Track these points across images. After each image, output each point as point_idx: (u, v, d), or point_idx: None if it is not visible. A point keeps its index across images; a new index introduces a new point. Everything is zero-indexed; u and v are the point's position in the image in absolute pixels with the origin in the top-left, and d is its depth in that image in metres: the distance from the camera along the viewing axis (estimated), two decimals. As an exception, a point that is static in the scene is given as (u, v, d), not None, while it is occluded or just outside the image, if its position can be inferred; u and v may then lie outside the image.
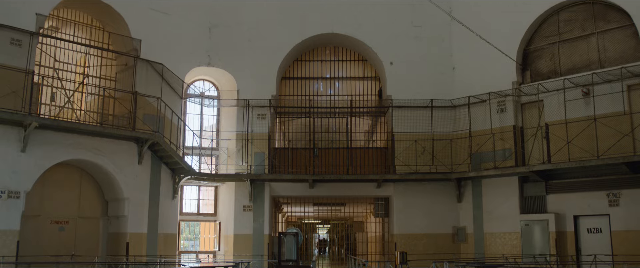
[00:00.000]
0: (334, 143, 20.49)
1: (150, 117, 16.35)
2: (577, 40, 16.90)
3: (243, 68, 19.65)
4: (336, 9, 20.04)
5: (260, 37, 19.80)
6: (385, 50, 19.84)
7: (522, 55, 18.02)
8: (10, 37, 14.05)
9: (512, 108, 17.70)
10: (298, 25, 20.00)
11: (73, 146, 14.53)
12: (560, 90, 16.45)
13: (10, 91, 13.46)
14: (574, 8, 17.04)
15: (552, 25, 17.50)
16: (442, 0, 19.06)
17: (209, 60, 19.45)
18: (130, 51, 16.74)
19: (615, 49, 16.01)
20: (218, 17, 19.72)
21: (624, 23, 15.83)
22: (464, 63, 19.28)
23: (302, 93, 20.93)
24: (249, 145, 19.09)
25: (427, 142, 18.85)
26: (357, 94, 20.94)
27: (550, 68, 17.37)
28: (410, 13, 19.83)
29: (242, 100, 19.34)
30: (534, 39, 17.91)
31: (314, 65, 21.27)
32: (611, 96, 15.48)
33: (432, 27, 19.79)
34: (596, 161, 14.80)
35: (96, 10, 16.98)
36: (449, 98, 19.14)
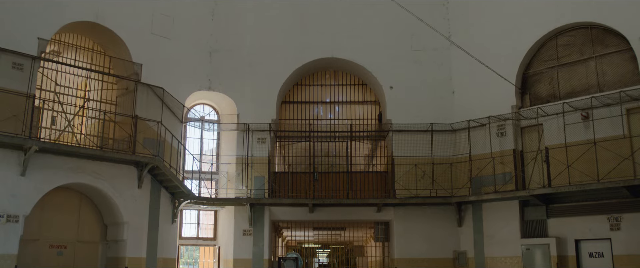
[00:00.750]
0: (333, 167, 20.46)
1: (151, 141, 16.37)
2: (575, 64, 16.99)
3: (243, 92, 19.72)
4: (336, 34, 20.19)
5: (261, 61, 19.91)
6: (385, 75, 19.93)
7: (521, 79, 18.10)
8: (12, 61, 14.13)
9: (512, 132, 17.72)
10: (298, 50, 20.13)
11: (73, 170, 14.52)
12: (560, 114, 16.48)
13: (11, 115, 13.49)
14: (572, 32, 17.16)
15: (550, 49, 17.61)
16: (442, 25, 19.24)
17: (210, 85, 19.53)
18: (131, 75, 16.82)
19: (613, 73, 16.08)
20: (219, 42, 19.87)
21: (622, 47, 15.93)
22: (464, 87, 19.35)
23: (302, 117, 20.97)
24: (248, 169, 19.07)
25: (427, 166, 18.83)
26: (357, 118, 20.98)
27: (550, 92, 17.43)
28: (409, 37, 19.96)
29: (242, 124, 19.37)
30: (533, 63, 18.01)
31: (314, 90, 21.34)
32: (610, 120, 15.51)
33: (432, 52, 19.91)
34: (597, 185, 14.77)
35: (98, 34, 17.11)
36: (448, 122, 19.17)
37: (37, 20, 15.09)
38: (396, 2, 15.71)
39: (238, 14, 20.22)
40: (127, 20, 17.25)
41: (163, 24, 18.23)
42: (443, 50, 19.75)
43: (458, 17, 19.87)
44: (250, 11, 20.26)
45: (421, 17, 16.53)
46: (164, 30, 18.23)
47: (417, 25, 17.14)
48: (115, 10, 16.99)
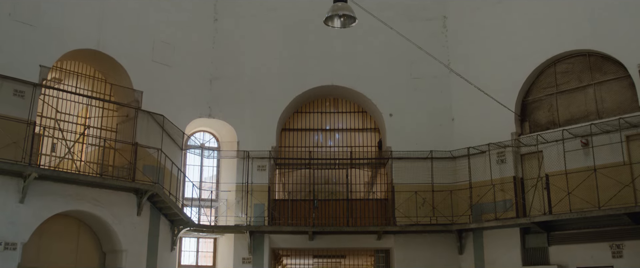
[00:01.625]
0: (333, 194, 20.38)
1: (150, 168, 16.36)
2: (574, 91, 17.06)
3: (243, 119, 19.78)
4: (336, 62, 20.31)
5: (261, 89, 20.00)
6: (384, 102, 20.00)
7: (520, 107, 18.16)
8: (13, 89, 14.24)
9: (511, 159, 17.71)
10: (298, 78, 20.23)
11: (72, 197, 14.49)
12: (560, 141, 16.50)
13: (11, 142, 13.51)
14: (570, 60, 17.28)
15: (549, 76, 17.71)
16: (441, 53, 19.37)
17: (210, 112, 19.59)
18: (131, 102, 16.88)
19: (612, 100, 16.15)
20: (219, 69, 20.00)
21: (620, 74, 16.01)
22: (463, 114, 19.41)
23: (302, 144, 20.98)
24: (248, 197, 19.01)
25: (427, 194, 18.77)
26: (356, 146, 20.99)
27: (549, 119, 17.48)
28: (409, 65, 20.08)
29: (242, 151, 19.38)
30: (531, 90, 18.09)
31: (314, 117, 21.39)
32: (610, 147, 15.52)
33: (431, 79, 20.00)
34: (598, 212, 14.72)
35: (99, 62, 17.23)
36: (448, 149, 19.17)
37: (39, 47, 15.21)
38: (395, 31, 15.83)
39: (238, 41, 20.39)
40: (128, 48, 17.38)
41: (164, 51, 18.36)
42: (442, 77, 19.84)
43: (457, 45, 20.03)
44: (250, 39, 20.42)
45: (420, 44, 16.63)
46: (164, 58, 18.35)
47: (417, 52, 17.22)
48: (116, 38, 17.14)
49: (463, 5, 20.11)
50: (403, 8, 20.44)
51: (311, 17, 19.39)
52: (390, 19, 17.40)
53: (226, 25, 20.48)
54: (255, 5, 20.69)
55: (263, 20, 20.59)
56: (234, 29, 20.48)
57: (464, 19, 19.99)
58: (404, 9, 20.43)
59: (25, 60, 14.83)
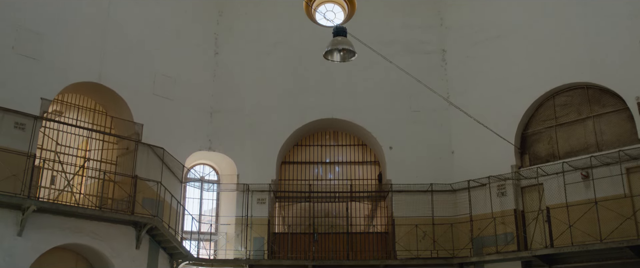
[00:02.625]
0: (333, 228, 20.24)
1: (150, 201, 16.31)
2: (573, 123, 17.11)
3: (243, 153, 19.78)
4: (335, 95, 20.42)
5: (261, 122, 20.05)
6: (384, 135, 20.04)
7: (520, 139, 18.19)
8: (14, 121, 14.28)
9: (512, 191, 17.67)
10: (298, 111, 20.30)
11: (71, 230, 14.40)
12: (560, 174, 16.48)
13: (10, 174, 13.49)
14: (569, 93, 17.38)
15: (548, 109, 17.78)
16: (440, 86, 19.51)
17: (210, 145, 19.61)
18: (131, 135, 16.91)
19: (611, 133, 16.18)
20: (219, 103, 20.08)
21: (619, 107, 16.07)
22: (463, 147, 19.43)
23: (301, 177, 20.94)
24: (248, 230, 18.90)
25: (427, 227, 18.68)
26: (356, 179, 20.95)
27: (549, 151, 17.49)
28: (408, 98, 20.17)
29: (242, 184, 19.33)
30: (531, 123, 18.15)
31: (314, 150, 21.40)
32: (611, 179, 15.49)
33: (431, 112, 20.08)
34: (599, 245, 14.61)
35: (100, 94, 17.31)
36: (448, 182, 19.14)
37: (41, 80, 15.30)
38: (395, 64, 15.95)
39: (239, 75, 20.52)
40: (130, 81, 17.48)
41: (165, 84, 18.47)
42: (442, 110, 19.92)
43: (456, 78, 20.16)
44: (251, 72, 20.56)
45: (420, 78, 16.75)
46: (165, 91, 18.45)
47: (416, 86, 17.34)
48: (117, 71, 17.25)
49: (462, 39, 20.31)
50: (402, 42, 20.66)
51: (311, 50, 19.59)
52: (390, 53, 17.66)
53: (227, 59, 20.65)
54: (256, 39, 20.91)
55: (263, 54, 20.77)
56: (234, 63, 20.64)
57: (463, 52, 20.17)
58: (404, 43, 20.65)
59: (27, 93, 14.90)
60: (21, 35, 15.16)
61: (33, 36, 15.39)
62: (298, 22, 21.22)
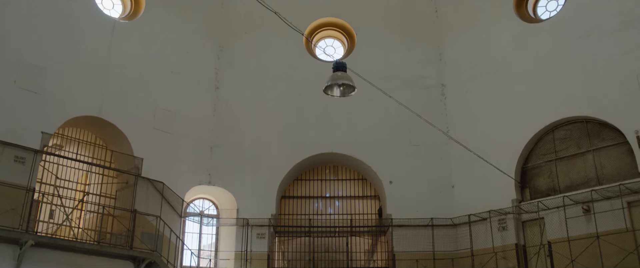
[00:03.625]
0: (334, 263, 20.09)
1: (149, 235, 16.20)
2: (573, 157, 17.10)
3: (243, 187, 19.72)
4: (335, 129, 20.46)
5: (261, 156, 20.05)
6: (384, 169, 20.01)
7: (520, 173, 18.16)
8: (14, 155, 14.29)
9: (513, 226, 17.56)
10: (298, 145, 20.32)
11: (69, 265, 14.28)
12: (561, 208, 16.41)
13: (9, 208, 13.44)
14: (568, 126, 17.41)
15: (548, 143, 17.80)
16: (440, 120, 19.57)
17: (210, 179, 19.57)
18: (131, 169, 16.90)
19: (612, 166, 16.16)
20: (219, 137, 20.11)
21: (618, 140, 16.09)
22: (463, 181, 19.39)
23: (301, 212, 20.85)
24: (247, 265, 18.73)
25: (428, 262, 18.52)
26: (357, 213, 20.86)
27: (549, 185, 17.45)
28: (408, 132, 20.20)
29: (241, 219, 19.24)
30: (531, 156, 18.15)
31: (314, 185, 21.35)
32: (612, 213, 15.41)
33: (431, 146, 20.09)
34: (602, 279, 14.48)
35: (100, 128, 17.35)
36: (449, 216, 19.06)
37: (42, 114, 15.37)
38: (394, 99, 16.01)
39: (239, 109, 20.60)
40: (130, 115, 17.56)
41: (165, 119, 18.53)
42: (442, 144, 19.94)
43: (456, 113, 20.23)
44: (251, 107, 20.64)
45: (419, 112, 16.81)
46: (165, 125, 18.49)
47: (416, 120, 17.37)
48: (118, 105, 17.34)
49: (461, 73, 20.45)
50: (402, 76, 20.79)
51: (311, 85, 19.74)
52: (390, 87, 17.71)
53: (227, 93, 20.75)
54: (256, 73, 21.05)
55: (263, 89, 20.88)
56: (234, 97, 20.74)
57: (462, 87, 20.28)
58: (403, 78, 20.77)
59: (28, 126, 14.95)
60: (23, 70, 15.29)
61: (35, 70, 15.51)
62: (298, 57, 21.40)
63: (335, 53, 22.40)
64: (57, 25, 16.50)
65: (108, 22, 18.01)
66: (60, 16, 16.62)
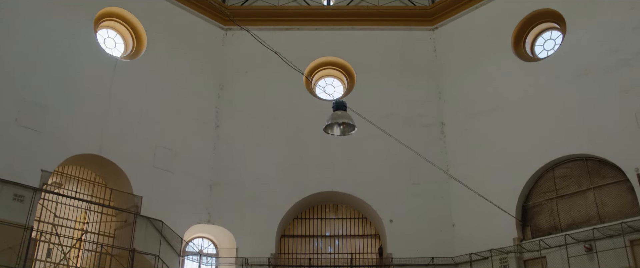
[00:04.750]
0: (334, 303, 19.86)
1: (147, 274, 16.04)
2: (574, 195, 17.05)
3: (242, 226, 19.60)
4: (335, 168, 20.43)
5: (261, 195, 19.97)
6: (384, 208, 19.91)
7: (521, 211, 18.07)
8: (13, 193, 14.24)
9: (515, 264, 17.38)
10: (298, 184, 20.26)
11: (65, 304, 14.12)
12: (563, 246, 16.28)
13: (7, 247, 13.33)
14: (568, 164, 17.40)
15: (548, 181, 17.76)
16: (440, 158, 19.56)
17: (209, 218, 19.46)
18: (130, 208, 16.83)
19: (613, 204, 16.09)
20: (219, 175, 20.07)
21: (619, 178, 16.06)
22: (464, 220, 19.27)
23: (301, 251, 20.67)
24: (246, 305, 18.50)
25: (430, 302, 18.30)
26: (357, 252, 20.68)
27: (551, 224, 17.35)
28: (408, 171, 20.17)
29: (240, 258, 19.05)
30: (531, 195, 18.08)
31: (314, 223, 21.22)
32: (614, 251, 15.28)
33: (431, 185, 20.03)
34: (606, 319, 14.28)
35: (100, 166, 17.34)
36: (450, 255, 18.88)
37: (42, 152, 15.39)
38: (394, 138, 16.06)
39: (239, 148, 20.61)
40: (130, 153, 17.57)
41: (165, 157, 18.53)
42: (442, 182, 19.89)
43: (456, 150, 20.24)
44: (251, 145, 20.66)
45: (419, 150, 16.85)
46: (165, 164, 18.48)
47: (416, 158, 17.41)
48: (118, 143, 17.37)
49: (460, 111, 20.53)
50: (401, 115, 20.87)
51: (311, 123, 19.81)
52: (389, 126, 17.81)
53: (227, 132, 20.80)
54: (256, 112, 21.13)
55: (264, 127, 20.94)
56: (234, 136, 20.78)
57: (461, 125, 20.33)
58: (403, 116, 20.85)
59: (28, 164, 14.95)
60: (25, 108, 15.37)
61: (36, 108, 15.59)
62: (298, 96, 21.53)
63: (335, 92, 22.56)
64: (60, 63, 16.67)
65: (110, 61, 18.19)
66: (62, 55, 16.81)
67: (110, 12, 19.14)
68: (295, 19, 22.56)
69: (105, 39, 19.30)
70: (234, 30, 22.27)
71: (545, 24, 19.63)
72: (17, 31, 16.01)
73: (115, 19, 19.40)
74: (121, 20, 19.51)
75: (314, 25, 22.56)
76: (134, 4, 19.56)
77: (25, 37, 16.14)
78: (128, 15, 19.45)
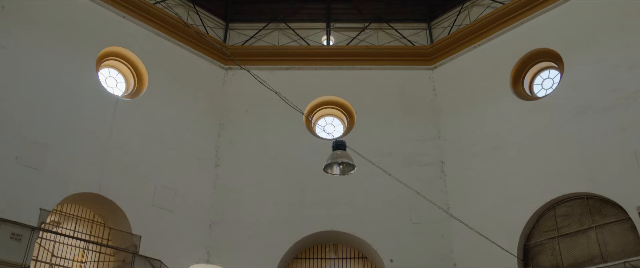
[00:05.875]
0: None
1: (144, 315, 15.82)
2: (576, 234, 16.92)
3: (242, 265, 19.33)
4: (336, 207, 20.32)
5: (260, 234, 19.83)
6: (385, 247, 19.72)
7: (523, 251, 17.91)
8: (11, 232, 14.10)
9: (517, 305, 17.19)
10: (298, 223, 20.12)
11: None
12: (565, 286, 16.12)
13: (2, 287, 13.20)
14: (569, 203, 17.32)
15: (549, 220, 17.67)
16: (440, 197, 19.49)
17: (208, 257, 19.28)
18: (129, 247, 16.70)
19: (615, 243, 15.96)
20: (219, 214, 19.97)
21: (621, 217, 15.97)
22: (465, 259, 19.06)
23: (301, 292, 20.45)
24: None
25: None
26: (357, 293, 20.44)
27: (553, 263, 17.18)
28: (408, 210, 20.07)
29: (239, 298, 18.84)
30: (533, 234, 17.96)
31: (314, 263, 21.00)
32: (619, 292, 15.14)
33: (431, 224, 19.89)
34: None
35: (99, 205, 17.28)
36: (452, 296, 18.67)
37: (41, 191, 15.34)
38: (394, 177, 16.04)
39: (239, 187, 20.55)
40: (129, 192, 17.51)
41: (164, 196, 18.47)
42: (443, 221, 19.75)
43: (456, 189, 20.18)
44: (251, 184, 20.60)
45: (419, 189, 16.80)
46: (165, 203, 18.42)
47: (416, 197, 17.34)
48: (118, 182, 17.33)
49: (460, 150, 20.53)
50: (401, 154, 20.87)
51: (311, 162, 19.79)
52: (389, 165, 17.82)
53: (227, 171, 20.77)
54: (256, 151, 21.15)
55: (264, 166, 20.91)
56: (234, 175, 20.74)
57: (462, 164, 20.31)
58: (403, 155, 20.85)
59: (26, 203, 14.89)
60: (25, 146, 15.39)
61: (37, 147, 15.62)
62: (298, 135, 21.57)
63: (335, 131, 22.62)
64: (62, 101, 16.77)
65: (111, 99, 18.32)
66: (64, 93, 16.94)
67: (113, 51, 19.37)
68: (295, 59, 22.80)
69: (107, 78, 19.47)
70: (234, 70, 22.47)
71: (543, 63, 19.83)
72: (20, 69, 16.17)
73: (117, 58, 19.62)
74: (123, 60, 19.72)
75: (314, 64, 22.78)
76: (136, 44, 19.80)
77: (28, 75, 16.28)
78: (130, 55, 19.66)
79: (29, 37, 16.73)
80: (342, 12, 24.45)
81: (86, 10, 18.66)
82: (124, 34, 19.55)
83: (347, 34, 23.77)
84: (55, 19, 17.65)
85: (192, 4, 22.89)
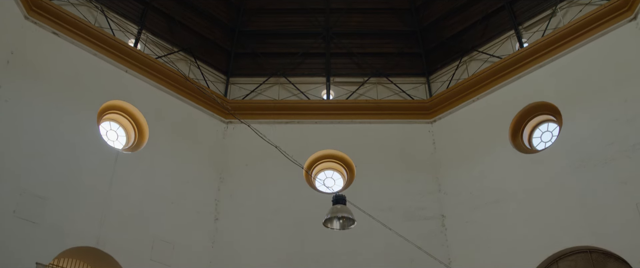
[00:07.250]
0: None
1: None
2: (580, 290, 16.69)
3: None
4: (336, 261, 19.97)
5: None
6: (386, 303, 19.42)
7: (527, 306, 17.61)
8: (6, 287, 13.94)
9: None
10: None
11: None
12: None
13: None
14: (572, 257, 17.09)
15: (553, 275, 17.44)
16: (441, 251, 19.26)
17: (206, 310, 18.96)
18: (125, 303, 16.41)
19: (620, 299, 15.73)
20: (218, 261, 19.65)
21: (625, 271, 15.80)
22: (469, 313, 18.75)
23: None
24: None
25: None
26: None
27: (557, 319, 16.87)
28: (409, 264, 19.72)
29: None
30: (536, 289, 17.69)
31: (314, 319, 20.60)
32: None
33: (433, 278, 19.63)
34: None
35: (97, 260, 17.05)
36: None
37: (39, 244, 15.17)
38: (394, 232, 15.93)
39: (238, 241, 20.33)
40: (127, 246, 17.30)
41: (163, 250, 18.26)
42: (444, 276, 19.51)
43: (457, 243, 19.95)
44: (250, 239, 20.40)
45: (420, 243, 16.66)
46: (163, 257, 18.19)
47: (417, 251, 17.19)
48: (116, 236, 17.15)
49: (460, 204, 20.41)
50: (402, 208, 20.73)
51: (311, 217, 19.65)
52: (389, 219, 17.74)
53: (227, 225, 20.59)
54: (256, 205, 21.02)
55: (263, 220, 20.75)
56: (234, 229, 20.55)
57: (462, 217, 20.14)
58: (403, 209, 20.71)
59: (23, 257, 14.72)
60: (24, 199, 15.32)
61: (36, 200, 15.55)
62: (298, 189, 21.48)
63: (335, 184, 22.56)
64: (62, 155, 16.79)
65: (111, 153, 18.33)
66: (65, 146, 16.97)
67: (114, 105, 19.52)
68: (295, 113, 22.95)
69: (108, 131, 19.55)
70: (234, 123, 22.58)
71: (541, 116, 19.95)
72: (20, 122, 16.26)
73: (118, 111, 19.75)
74: (124, 113, 19.85)
75: (314, 118, 22.90)
76: (138, 98, 19.96)
77: (29, 128, 16.36)
78: (131, 108, 19.80)
79: (31, 90, 16.89)
80: (342, 67, 24.79)
81: (89, 64, 18.91)
82: (125, 87, 19.75)
83: (347, 88, 24.03)
84: (58, 73, 17.87)
85: (194, 59, 23.21)
